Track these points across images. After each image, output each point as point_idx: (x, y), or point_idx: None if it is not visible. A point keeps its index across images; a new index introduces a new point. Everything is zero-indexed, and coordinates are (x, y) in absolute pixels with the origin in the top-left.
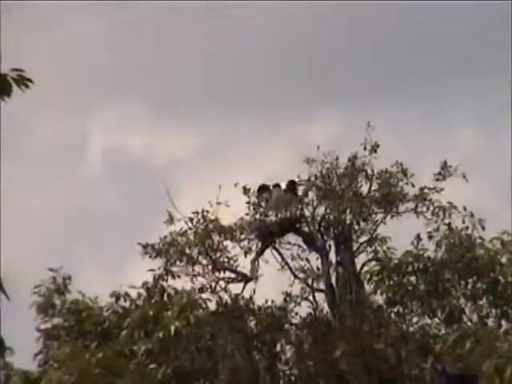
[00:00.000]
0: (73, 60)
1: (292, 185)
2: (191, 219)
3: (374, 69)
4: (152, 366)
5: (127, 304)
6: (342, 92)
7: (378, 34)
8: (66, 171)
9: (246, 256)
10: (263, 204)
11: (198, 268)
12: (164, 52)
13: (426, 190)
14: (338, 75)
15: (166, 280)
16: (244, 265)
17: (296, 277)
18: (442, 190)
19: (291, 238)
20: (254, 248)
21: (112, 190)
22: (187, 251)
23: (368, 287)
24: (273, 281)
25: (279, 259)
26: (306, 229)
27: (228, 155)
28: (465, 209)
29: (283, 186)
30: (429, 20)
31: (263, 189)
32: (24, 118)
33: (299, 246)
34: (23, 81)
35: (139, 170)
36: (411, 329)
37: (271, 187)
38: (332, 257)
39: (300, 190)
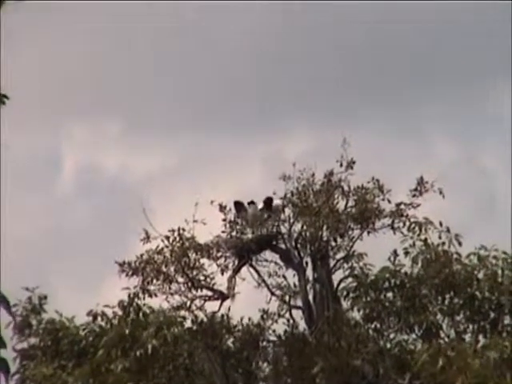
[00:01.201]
0: (47, 76)
1: (269, 201)
2: (167, 237)
3: (348, 83)
4: None
5: (103, 323)
6: (316, 107)
7: (353, 46)
8: (40, 189)
9: (222, 274)
10: (239, 221)
11: (174, 286)
12: (138, 68)
13: (402, 206)
14: (311, 89)
15: (143, 298)
16: (221, 282)
17: (273, 294)
18: (418, 205)
19: (268, 255)
20: (230, 266)
21: (86, 207)
22: (164, 269)
23: (345, 304)
24: (250, 298)
25: (256, 276)
26: (282, 246)
27: (203, 172)
28: (441, 224)
29: (260, 204)
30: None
31: (238, 205)
32: None
33: (276, 263)
34: None
35: (114, 188)
36: (389, 345)
37: (246, 204)
38: (309, 273)
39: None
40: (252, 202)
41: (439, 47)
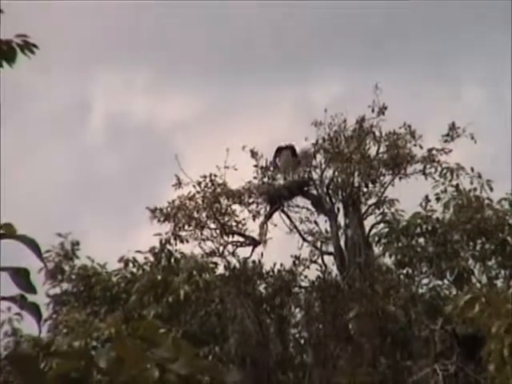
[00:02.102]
0: (75, 24)
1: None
2: (199, 183)
3: (376, 29)
4: (162, 330)
5: (135, 269)
6: (346, 52)
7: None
8: (70, 135)
9: (254, 220)
10: (281, 165)
11: (206, 232)
12: (165, 16)
13: (433, 152)
14: (339, 36)
15: (175, 244)
16: (253, 228)
17: (305, 240)
18: (450, 151)
19: (299, 201)
20: (262, 211)
21: (117, 154)
22: (195, 215)
23: (377, 249)
24: (281, 244)
25: (288, 222)
26: (314, 192)
27: (232, 119)
28: (472, 170)
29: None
30: None
31: (281, 150)
32: (26, 81)
33: (307, 209)
34: (28, 47)
35: (144, 135)
36: (420, 290)
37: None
38: (340, 219)
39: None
40: (286, 147)
41: None
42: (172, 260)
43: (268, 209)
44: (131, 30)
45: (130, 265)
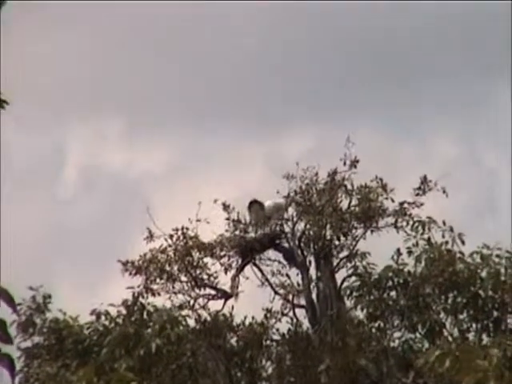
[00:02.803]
0: (48, 75)
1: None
2: (171, 236)
3: (350, 82)
4: (133, 383)
5: (107, 322)
6: (318, 105)
7: (352, 44)
8: (42, 188)
9: (226, 273)
10: (253, 218)
11: (177, 285)
12: (138, 68)
13: (405, 205)
14: (312, 89)
15: (146, 297)
16: (224, 281)
17: (276, 293)
18: (421, 204)
19: (271, 254)
20: (234, 264)
21: (89, 207)
22: (167, 268)
23: (349, 302)
24: (253, 297)
25: (259, 275)
26: (286, 245)
27: (204, 171)
28: (444, 223)
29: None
30: (403, 27)
31: (253, 203)
32: None
33: (279, 261)
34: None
35: (116, 187)
36: (392, 344)
37: (248, 204)
38: (312, 272)
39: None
40: (256, 201)
41: (440, 46)
42: (144, 313)
43: (240, 262)
44: (104, 80)
45: (103, 317)
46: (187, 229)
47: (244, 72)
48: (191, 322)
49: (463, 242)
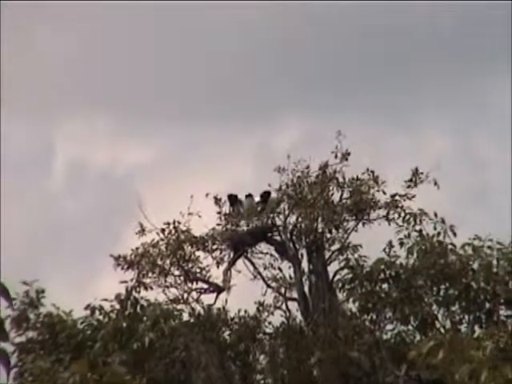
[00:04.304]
0: (37, 71)
1: (267, 195)
2: (163, 230)
3: (339, 71)
4: (126, 377)
5: (101, 317)
6: (308, 97)
7: (344, 34)
8: (33, 182)
9: (218, 266)
10: (234, 214)
11: (170, 279)
12: (128, 62)
13: (397, 197)
14: (303, 80)
15: (139, 292)
16: (216, 275)
17: (269, 286)
18: (413, 196)
19: (263, 247)
20: (226, 258)
21: (79, 201)
22: (159, 262)
23: (341, 295)
24: (245, 291)
25: (252, 269)
26: (277, 238)
27: (194, 165)
28: (436, 215)
29: (257, 198)
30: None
31: (232, 198)
32: None
33: (271, 255)
34: None
35: (107, 182)
36: (385, 336)
37: (244, 197)
38: (304, 265)
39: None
40: (249, 195)
41: (436, 34)
42: (138, 307)
43: (232, 255)
44: (93, 75)
45: (97, 312)
46: (179, 223)
47: (234, 64)
48: (185, 316)
49: (455, 234)
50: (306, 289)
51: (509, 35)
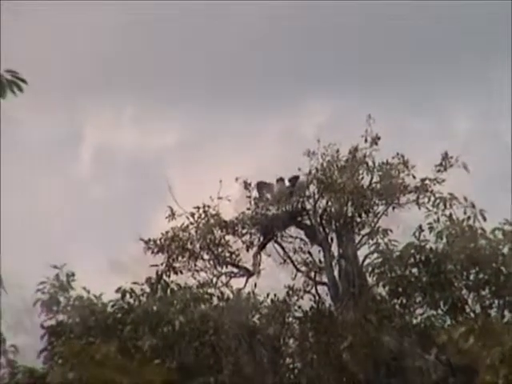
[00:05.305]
0: (62, 56)
1: (295, 180)
2: (192, 214)
3: (366, 57)
4: (156, 361)
5: (132, 300)
6: (335, 81)
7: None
8: (60, 169)
9: (247, 250)
10: (264, 199)
11: (200, 263)
12: (153, 46)
13: (427, 181)
14: (330, 65)
15: (169, 275)
16: (246, 259)
17: (298, 270)
18: (443, 180)
19: (293, 231)
20: (255, 242)
21: (106, 186)
22: (189, 246)
23: (371, 279)
24: (275, 275)
25: (281, 253)
26: (307, 222)
27: (222, 149)
28: (466, 199)
29: (287, 182)
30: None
31: (260, 185)
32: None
33: (301, 239)
34: (17, 82)
35: (133, 166)
36: (415, 320)
37: (275, 181)
38: (334, 250)
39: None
40: (281, 179)
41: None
42: (168, 291)
43: (261, 239)
44: (118, 60)
45: (127, 296)
46: (208, 207)
47: (256, 47)
48: (214, 300)
49: (485, 219)
50: (336, 273)
51: None
